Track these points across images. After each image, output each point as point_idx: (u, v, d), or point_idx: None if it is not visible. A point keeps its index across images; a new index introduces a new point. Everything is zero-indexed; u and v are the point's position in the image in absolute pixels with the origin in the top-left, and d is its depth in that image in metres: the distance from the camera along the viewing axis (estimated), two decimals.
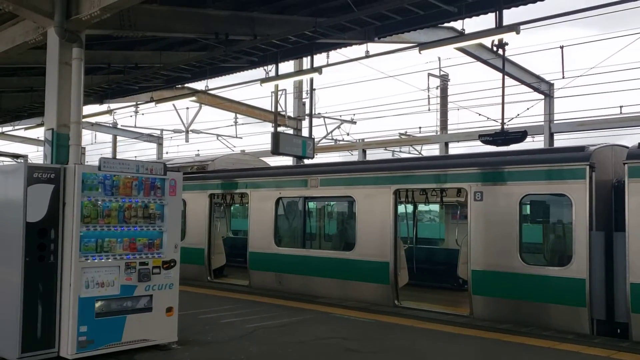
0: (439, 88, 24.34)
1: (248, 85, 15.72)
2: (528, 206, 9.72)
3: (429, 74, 22.94)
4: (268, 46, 11.98)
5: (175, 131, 27.55)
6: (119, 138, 32.27)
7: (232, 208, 18.22)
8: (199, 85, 18.20)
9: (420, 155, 22.38)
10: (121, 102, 20.67)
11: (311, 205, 14.03)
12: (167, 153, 30.89)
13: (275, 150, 14.04)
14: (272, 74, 14.22)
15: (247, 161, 16.33)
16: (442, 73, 23.93)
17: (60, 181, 6.95)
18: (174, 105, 23.08)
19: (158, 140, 31.41)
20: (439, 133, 23.38)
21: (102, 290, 6.96)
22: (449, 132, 23.21)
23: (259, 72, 15.85)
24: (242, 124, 26.01)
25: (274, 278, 12.50)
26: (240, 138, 26.94)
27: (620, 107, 17.14)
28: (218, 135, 27.30)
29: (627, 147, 9.00)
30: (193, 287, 12.55)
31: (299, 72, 16.95)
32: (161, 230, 7.59)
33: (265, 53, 12.64)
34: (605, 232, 8.51)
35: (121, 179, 7.23)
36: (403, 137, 24.16)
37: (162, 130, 30.83)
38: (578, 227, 8.59)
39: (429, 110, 22.72)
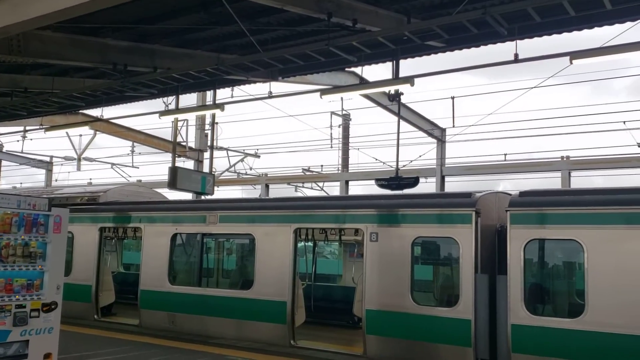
0: (341, 127, 24.95)
1: (147, 115, 15.30)
2: (419, 248, 10.10)
3: (332, 113, 23.50)
4: (168, 79, 11.76)
5: (66, 158, 26.11)
6: (3, 162, 30.03)
7: (124, 242, 17.42)
8: (94, 111, 17.47)
9: (321, 195, 22.70)
10: (7, 127, 19.33)
11: (209, 242, 13.72)
12: (56, 180, 29.18)
13: (173, 186, 13.65)
14: (172, 105, 13.94)
15: (143, 193, 15.73)
16: (344, 113, 24.59)
17: None
18: (66, 131, 21.94)
19: (47, 166, 29.60)
20: (340, 171, 23.89)
21: None
22: (349, 170, 23.80)
23: (159, 101, 15.50)
24: (140, 153, 25.17)
25: (166, 318, 12.01)
26: (137, 168, 26.01)
27: (505, 154, 18.53)
28: (113, 164, 26.20)
29: (509, 195, 9.64)
30: (78, 327, 11.80)
31: (201, 107, 16.77)
32: (42, 270, 7.11)
33: (166, 86, 12.39)
34: (490, 275, 8.99)
35: (0, 215, 6.71)
36: (306, 173, 24.43)
37: (51, 156, 29.14)
38: (464, 270, 9.01)
39: (332, 147, 23.22)
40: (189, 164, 23.18)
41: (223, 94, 13.93)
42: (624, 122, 16.42)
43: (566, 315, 8.65)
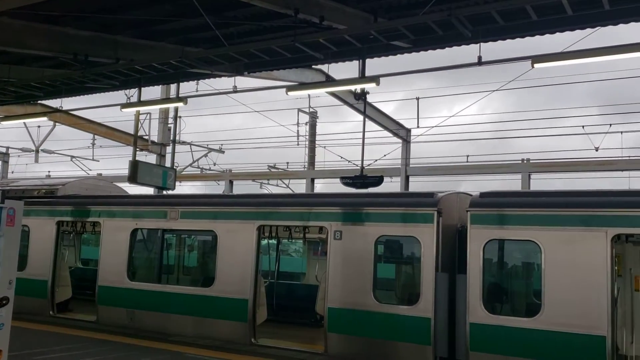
0: (307, 124, 24.89)
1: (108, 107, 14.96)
2: (382, 246, 10.15)
3: (299, 110, 23.42)
4: (131, 71, 11.51)
5: (23, 150, 25.35)
6: None
7: (82, 237, 17.04)
8: (54, 102, 16.99)
9: (285, 192, 22.63)
10: None
11: (170, 238, 13.52)
12: (12, 172, 28.37)
13: (133, 180, 13.38)
14: (135, 98, 13.66)
15: (103, 187, 15.41)
16: (311, 110, 24.54)
17: None
18: (24, 122, 21.28)
19: (3, 157, 28.72)
20: (306, 169, 23.84)
21: None
22: (315, 168, 23.77)
23: (121, 93, 15.17)
24: (101, 146, 24.59)
25: (124, 314, 11.79)
26: (98, 161, 25.44)
27: (467, 156, 18.83)
28: (72, 157, 25.56)
29: (470, 195, 9.77)
30: (32, 323, 11.51)
31: (164, 100, 16.50)
32: None
33: (128, 78, 12.13)
34: (450, 274, 9.10)
35: None
36: (272, 170, 24.29)
37: (8, 147, 28.29)
38: (425, 268, 9.09)
39: (298, 145, 23.16)
40: (152, 158, 22.79)
41: (187, 87, 13.76)
42: (583, 126, 16.90)
43: (523, 315, 8.82)
